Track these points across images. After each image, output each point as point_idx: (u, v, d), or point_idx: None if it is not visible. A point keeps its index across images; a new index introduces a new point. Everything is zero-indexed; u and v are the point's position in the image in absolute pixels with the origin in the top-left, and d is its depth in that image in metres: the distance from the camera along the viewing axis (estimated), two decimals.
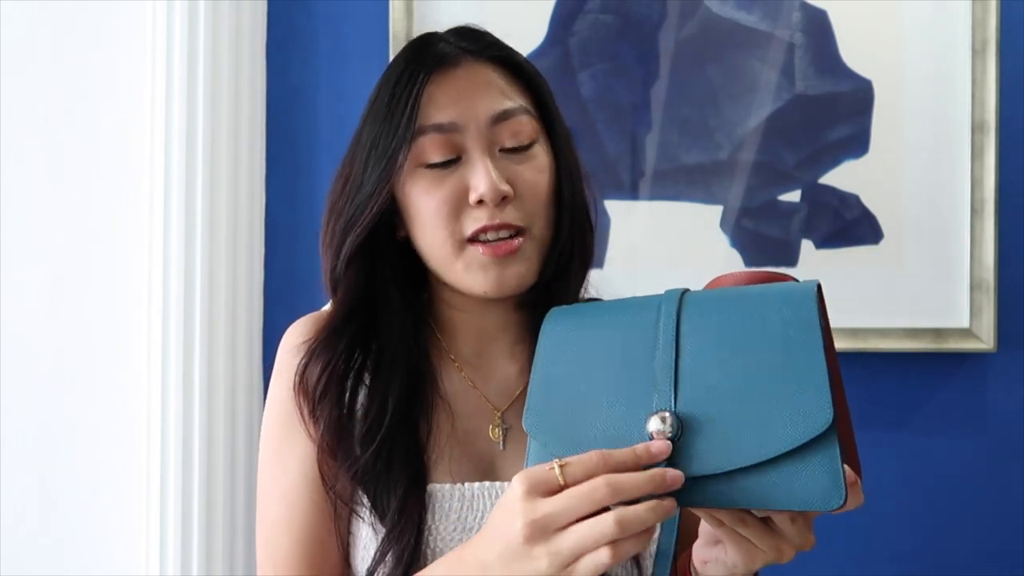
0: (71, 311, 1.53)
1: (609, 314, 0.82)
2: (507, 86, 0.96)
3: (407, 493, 0.91)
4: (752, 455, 0.71)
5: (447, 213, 0.93)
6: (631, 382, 0.76)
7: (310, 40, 1.59)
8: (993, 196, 1.51)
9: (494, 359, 1.02)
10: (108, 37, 1.54)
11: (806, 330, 0.73)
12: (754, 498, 0.71)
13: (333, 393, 0.95)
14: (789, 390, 0.72)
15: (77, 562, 1.52)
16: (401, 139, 0.92)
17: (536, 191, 0.94)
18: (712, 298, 0.79)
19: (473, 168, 0.92)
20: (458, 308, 1.01)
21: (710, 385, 0.74)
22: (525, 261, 0.94)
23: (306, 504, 0.94)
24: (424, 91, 0.93)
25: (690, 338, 0.77)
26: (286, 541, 0.94)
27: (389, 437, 0.93)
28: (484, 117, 0.93)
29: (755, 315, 0.76)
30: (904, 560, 1.56)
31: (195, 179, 1.46)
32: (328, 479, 0.93)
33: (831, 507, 0.69)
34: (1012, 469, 1.56)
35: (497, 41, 0.99)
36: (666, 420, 0.73)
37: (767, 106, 1.55)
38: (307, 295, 1.56)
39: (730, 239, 1.55)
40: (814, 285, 0.76)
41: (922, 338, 1.53)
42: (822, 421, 0.70)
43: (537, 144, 0.96)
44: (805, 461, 0.70)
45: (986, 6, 1.52)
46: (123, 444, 1.52)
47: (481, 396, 0.99)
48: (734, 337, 0.75)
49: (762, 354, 0.74)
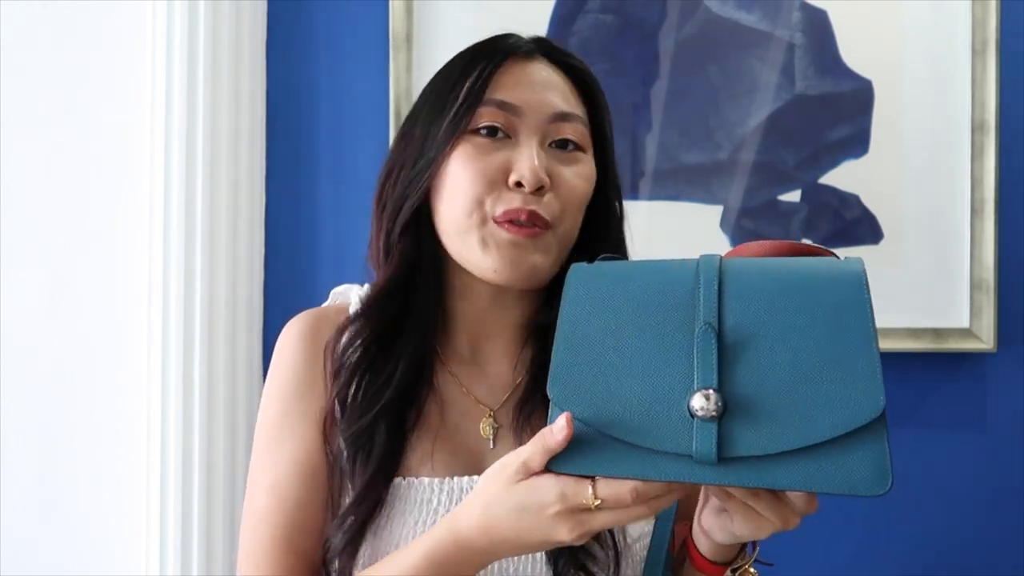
0: (71, 311, 1.53)
1: (640, 277, 0.78)
2: (571, 94, 0.99)
3: (374, 474, 0.92)
4: (799, 439, 0.69)
5: (483, 185, 0.93)
6: (669, 355, 0.73)
7: (310, 40, 1.59)
8: (993, 196, 1.51)
9: (488, 358, 1.02)
10: (108, 37, 1.54)
11: (858, 315, 0.71)
12: (796, 481, 0.69)
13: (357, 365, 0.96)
14: (840, 375, 0.70)
15: (77, 562, 1.52)
16: (467, 108, 0.94)
17: (573, 193, 0.96)
18: (755, 270, 0.76)
19: (520, 151, 0.94)
20: (463, 296, 1.01)
21: (756, 365, 0.71)
22: (544, 252, 0.94)
23: (295, 496, 0.95)
24: (497, 70, 0.96)
25: (734, 313, 0.73)
26: (270, 531, 0.95)
27: (379, 416, 0.94)
28: (545, 111, 0.95)
29: (803, 295, 0.73)
30: (904, 560, 1.56)
31: (195, 179, 1.46)
32: (329, 439, 0.95)
33: (877, 493, 0.68)
34: (1012, 469, 1.56)
35: (569, 52, 1.02)
36: (710, 398, 0.70)
37: (767, 106, 1.55)
38: (307, 295, 1.56)
39: (730, 239, 1.55)
40: (861, 266, 0.74)
41: (922, 338, 1.53)
42: (874, 409, 0.69)
43: (584, 154, 0.98)
44: (854, 448, 0.69)
45: (986, 6, 1.52)
46: (123, 444, 1.52)
47: (472, 395, 1.00)
48: (782, 317, 0.72)
49: (812, 336, 0.71)
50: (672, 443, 0.71)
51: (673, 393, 0.72)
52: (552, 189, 0.94)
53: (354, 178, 1.56)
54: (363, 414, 0.94)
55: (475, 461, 0.97)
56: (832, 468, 0.69)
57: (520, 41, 0.99)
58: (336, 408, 0.96)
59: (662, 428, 0.71)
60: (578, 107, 0.99)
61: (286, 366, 0.99)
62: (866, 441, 0.69)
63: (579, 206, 0.97)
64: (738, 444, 0.70)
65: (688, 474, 0.71)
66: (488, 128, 0.95)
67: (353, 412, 0.94)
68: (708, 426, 0.70)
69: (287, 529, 0.95)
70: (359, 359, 0.96)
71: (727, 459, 0.70)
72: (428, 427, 0.97)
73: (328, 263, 1.58)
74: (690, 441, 0.70)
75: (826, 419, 0.69)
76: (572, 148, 0.97)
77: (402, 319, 0.98)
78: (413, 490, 0.93)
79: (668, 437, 0.71)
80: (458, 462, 0.96)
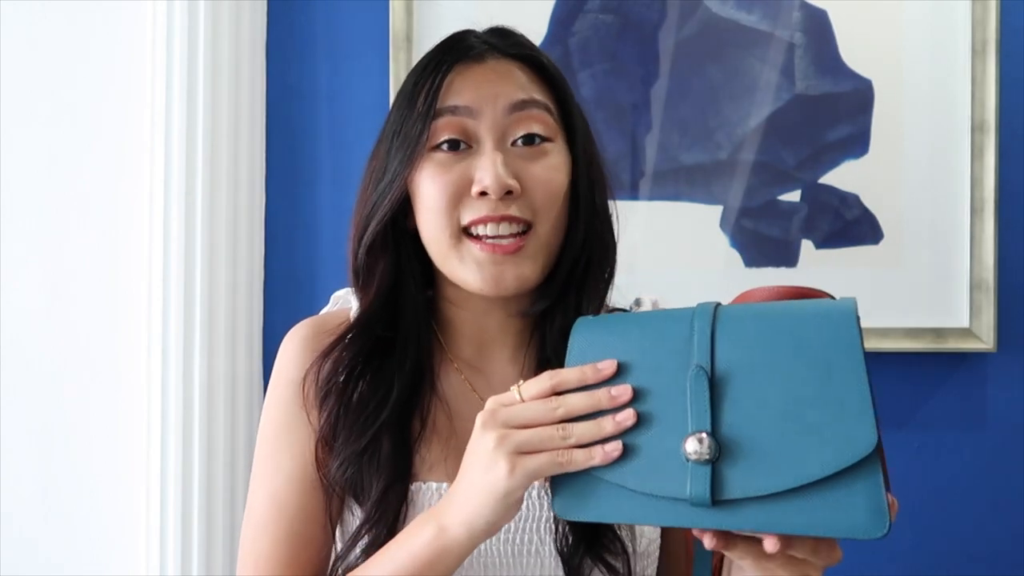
0: (71, 312, 1.53)
1: (639, 328, 0.79)
2: (528, 82, 0.96)
3: (388, 487, 0.92)
4: (792, 479, 0.69)
5: (448, 200, 0.92)
6: (666, 402, 0.75)
7: (310, 40, 1.59)
8: (993, 196, 1.51)
9: (495, 363, 1.01)
10: (108, 37, 1.54)
11: (849, 352, 0.71)
12: (794, 523, 0.69)
13: (344, 387, 0.95)
14: (831, 414, 0.70)
15: (77, 562, 1.52)
16: (422, 125, 0.93)
17: (547, 188, 0.93)
18: (748, 315, 0.77)
19: (480, 159, 0.92)
20: (460, 306, 1.00)
21: (748, 406, 0.72)
22: (527, 261, 0.93)
23: (295, 506, 0.95)
24: (446, 79, 0.94)
25: (726, 357, 0.74)
26: (270, 541, 0.95)
27: (381, 431, 0.93)
28: (501, 105, 0.93)
29: (794, 335, 0.73)
30: (904, 560, 1.56)
31: (195, 179, 1.46)
32: (323, 465, 0.94)
33: (874, 535, 0.67)
34: (1012, 469, 1.56)
35: (525, 41, 1.00)
36: (703, 441, 0.71)
37: (767, 106, 1.55)
38: (307, 295, 1.56)
39: (730, 239, 1.55)
40: (852, 304, 0.74)
41: (922, 338, 1.53)
42: (865, 446, 0.69)
43: (553, 143, 0.95)
44: (847, 487, 0.68)
45: (986, 6, 1.52)
46: (123, 444, 1.52)
47: (480, 399, 0.99)
48: (773, 357, 0.73)
49: (803, 376, 0.72)
50: (669, 487, 0.72)
51: (670, 438, 0.73)
52: (524, 192, 0.92)
53: (354, 178, 1.53)
54: (361, 434, 0.93)
55: None
56: (827, 509, 0.68)
57: (472, 41, 0.97)
58: (328, 434, 0.95)
59: (660, 473, 0.73)
60: (538, 93, 0.95)
61: (285, 376, 0.99)
62: (860, 480, 0.68)
63: (556, 200, 0.94)
64: (732, 486, 0.70)
65: (686, 518, 0.72)
66: (448, 142, 0.93)
67: (350, 434, 0.94)
68: (702, 469, 0.71)
69: (286, 538, 0.95)
70: (345, 383, 0.96)
71: (722, 502, 0.70)
72: (438, 434, 0.96)
73: (328, 263, 1.58)
74: (685, 484, 0.71)
75: (818, 457, 0.69)
76: (539, 141, 0.94)
77: (391, 338, 0.97)
78: (422, 495, 0.93)
79: (666, 481, 0.72)
80: None
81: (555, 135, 0.96)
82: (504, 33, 1.00)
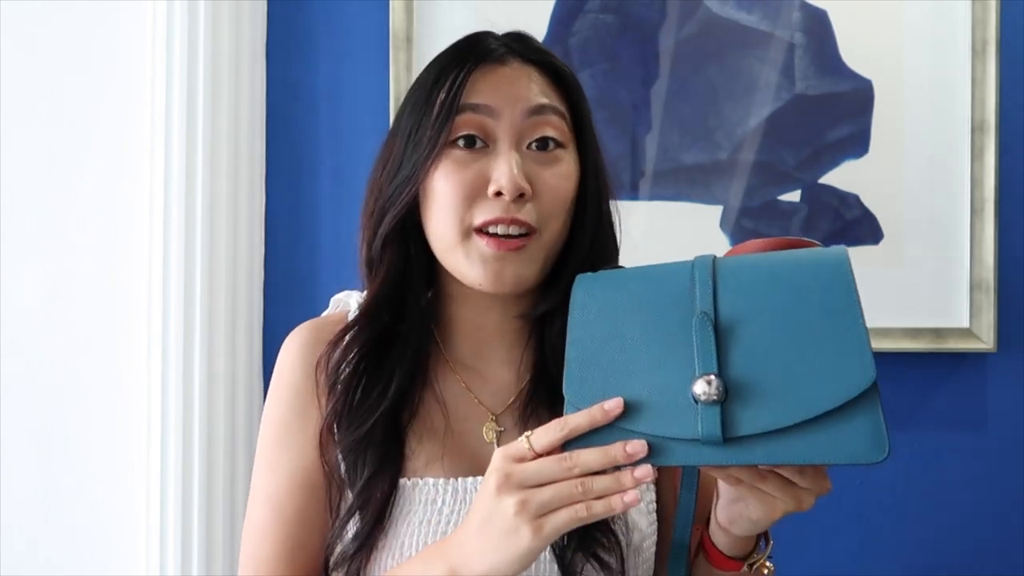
0: (71, 311, 1.53)
1: (639, 281, 0.83)
2: (547, 88, 0.98)
3: (374, 473, 0.93)
4: (797, 414, 0.73)
5: (463, 198, 0.93)
6: (671, 348, 0.78)
7: (310, 40, 1.59)
8: (993, 196, 1.52)
9: (491, 363, 1.02)
10: (108, 37, 1.54)
11: (844, 295, 0.76)
12: (799, 454, 0.73)
13: (351, 375, 0.97)
14: (831, 351, 0.74)
15: (77, 562, 1.52)
16: (443, 121, 0.94)
17: (555, 195, 0.95)
18: (745, 264, 0.81)
19: (497, 159, 0.93)
20: (460, 303, 1.01)
21: (752, 349, 0.76)
22: (528, 261, 0.94)
23: (293, 508, 0.96)
24: (469, 78, 0.95)
25: (728, 304, 0.78)
26: (269, 542, 0.96)
27: (377, 421, 0.94)
28: (520, 108, 0.94)
29: (792, 281, 0.78)
30: (904, 560, 1.56)
31: (195, 179, 1.46)
32: (325, 451, 0.96)
33: (875, 460, 0.71)
34: (1012, 469, 1.56)
35: (544, 48, 1.01)
36: (711, 383, 0.74)
37: (767, 106, 1.55)
38: (307, 294, 1.56)
39: (730, 239, 1.56)
40: (844, 251, 0.79)
41: (922, 338, 1.53)
42: (865, 380, 0.73)
43: (565, 151, 0.97)
44: (849, 418, 0.72)
45: (986, 6, 1.52)
46: (123, 444, 1.52)
47: (476, 399, 1.00)
48: (772, 303, 0.77)
49: (802, 317, 0.76)
50: (680, 429, 0.75)
51: (677, 383, 0.76)
52: (534, 196, 0.93)
53: (354, 178, 1.56)
54: (362, 423, 0.94)
55: (480, 463, 0.97)
56: (831, 439, 0.72)
57: (492, 43, 0.99)
58: (332, 421, 0.96)
59: (670, 416, 0.76)
60: (555, 100, 0.97)
61: (285, 380, 1.00)
62: (861, 411, 0.72)
63: (563, 208, 0.96)
64: (741, 424, 0.74)
65: (698, 457, 0.75)
66: (466, 138, 0.94)
67: (351, 422, 0.95)
68: (712, 409, 0.74)
69: (286, 540, 0.96)
70: (353, 372, 0.97)
71: (732, 439, 0.73)
72: (434, 431, 0.97)
73: (328, 263, 1.58)
74: (696, 425, 0.74)
75: (821, 393, 0.73)
76: (552, 147, 0.96)
77: (395, 329, 0.98)
78: (418, 491, 0.94)
79: (676, 424, 0.75)
80: (463, 464, 0.97)
81: (568, 142, 0.98)
82: (523, 38, 1.01)
